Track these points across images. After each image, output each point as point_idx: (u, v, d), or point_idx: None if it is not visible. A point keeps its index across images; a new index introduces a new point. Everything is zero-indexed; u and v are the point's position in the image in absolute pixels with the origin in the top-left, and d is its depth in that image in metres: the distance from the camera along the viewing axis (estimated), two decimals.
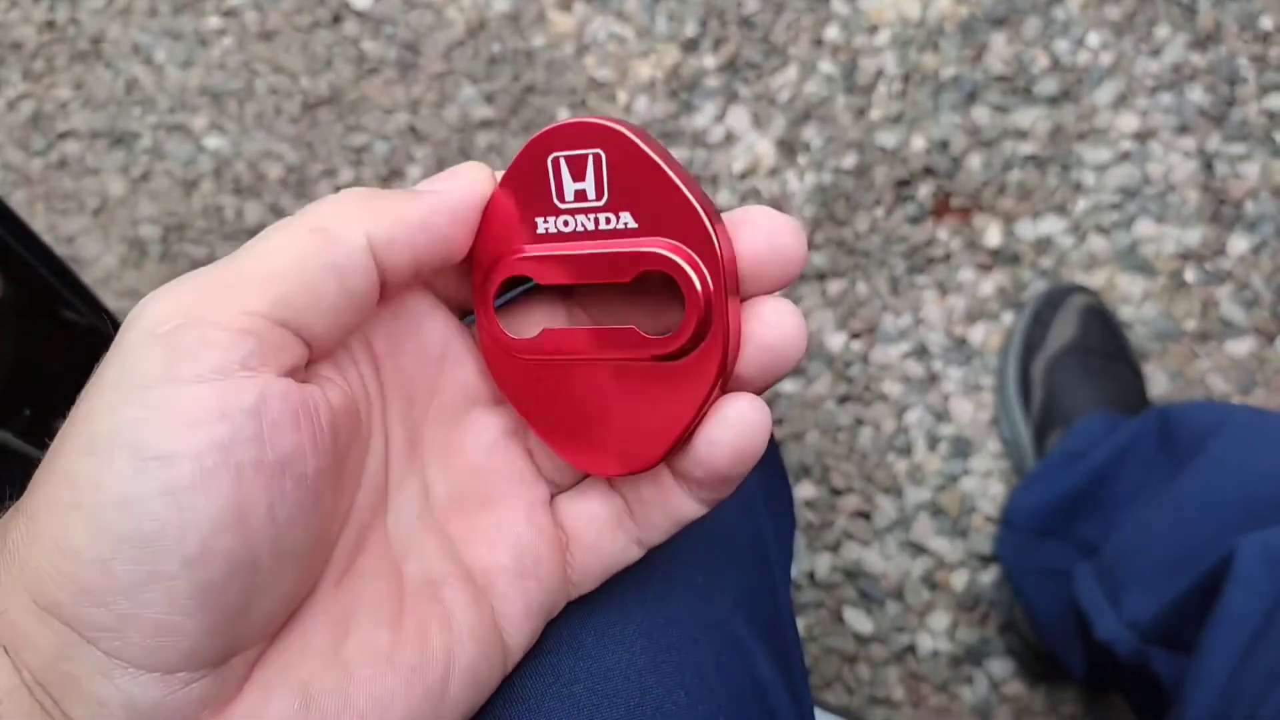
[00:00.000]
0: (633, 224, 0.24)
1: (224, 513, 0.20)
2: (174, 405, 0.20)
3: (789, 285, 0.24)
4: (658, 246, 0.24)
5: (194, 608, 0.20)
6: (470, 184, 0.25)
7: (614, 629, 0.30)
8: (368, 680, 0.23)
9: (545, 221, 0.24)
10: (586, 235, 0.24)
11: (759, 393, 0.25)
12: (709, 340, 0.24)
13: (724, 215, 0.24)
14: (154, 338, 0.20)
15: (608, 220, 0.24)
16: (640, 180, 0.24)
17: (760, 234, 0.24)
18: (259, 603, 0.21)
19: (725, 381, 0.24)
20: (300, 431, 0.21)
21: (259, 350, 0.21)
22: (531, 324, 0.27)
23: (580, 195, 0.24)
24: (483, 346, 0.27)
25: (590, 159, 0.24)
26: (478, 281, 0.26)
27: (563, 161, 0.24)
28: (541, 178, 0.24)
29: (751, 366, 0.24)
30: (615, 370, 0.25)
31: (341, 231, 0.22)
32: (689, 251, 0.23)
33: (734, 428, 0.24)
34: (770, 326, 0.24)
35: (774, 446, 0.46)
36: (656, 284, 0.25)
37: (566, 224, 0.24)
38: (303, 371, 0.22)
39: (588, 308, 0.27)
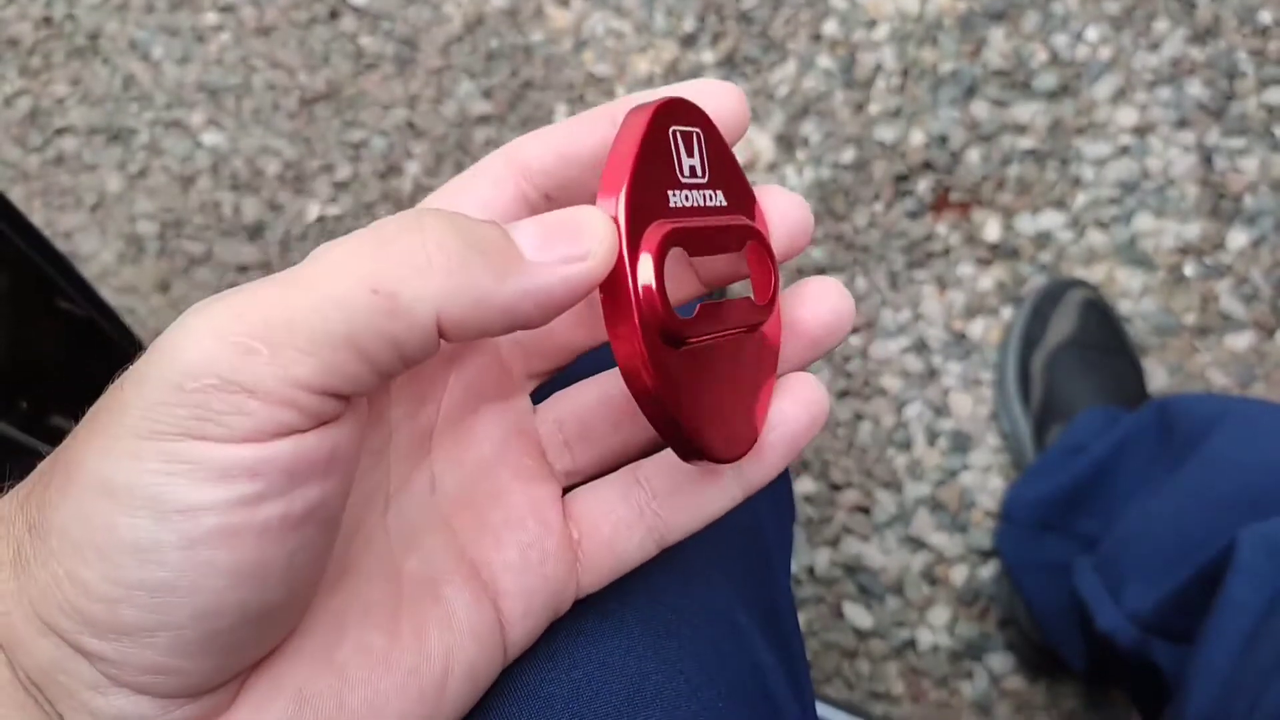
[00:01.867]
0: (724, 202, 0.25)
1: (241, 567, 0.19)
2: (202, 462, 0.18)
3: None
4: (745, 221, 0.25)
5: (198, 653, 0.19)
6: (587, 271, 0.21)
7: (613, 615, 0.29)
8: (362, 683, 0.22)
9: (675, 195, 0.23)
10: (700, 211, 0.24)
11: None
12: (775, 304, 0.26)
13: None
14: (183, 393, 0.18)
15: (709, 197, 0.24)
16: (723, 161, 0.25)
17: (777, 210, 0.26)
18: (265, 636, 0.21)
19: None
20: (330, 479, 0.20)
21: (299, 419, 0.19)
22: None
23: (693, 171, 0.24)
24: (623, 333, 0.22)
25: (695, 136, 0.24)
26: (634, 259, 0.22)
27: (679, 136, 0.24)
28: (666, 150, 0.23)
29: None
30: (737, 343, 0.25)
31: (410, 304, 0.19)
32: (756, 226, 0.25)
33: (804, 400, 0.26)
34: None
35: None
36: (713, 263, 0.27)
37: (688, 198, 0.24)
38: (340, 413, 0.20)
39: None
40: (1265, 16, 0.94)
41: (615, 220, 0.22)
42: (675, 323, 0.23)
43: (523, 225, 0.21)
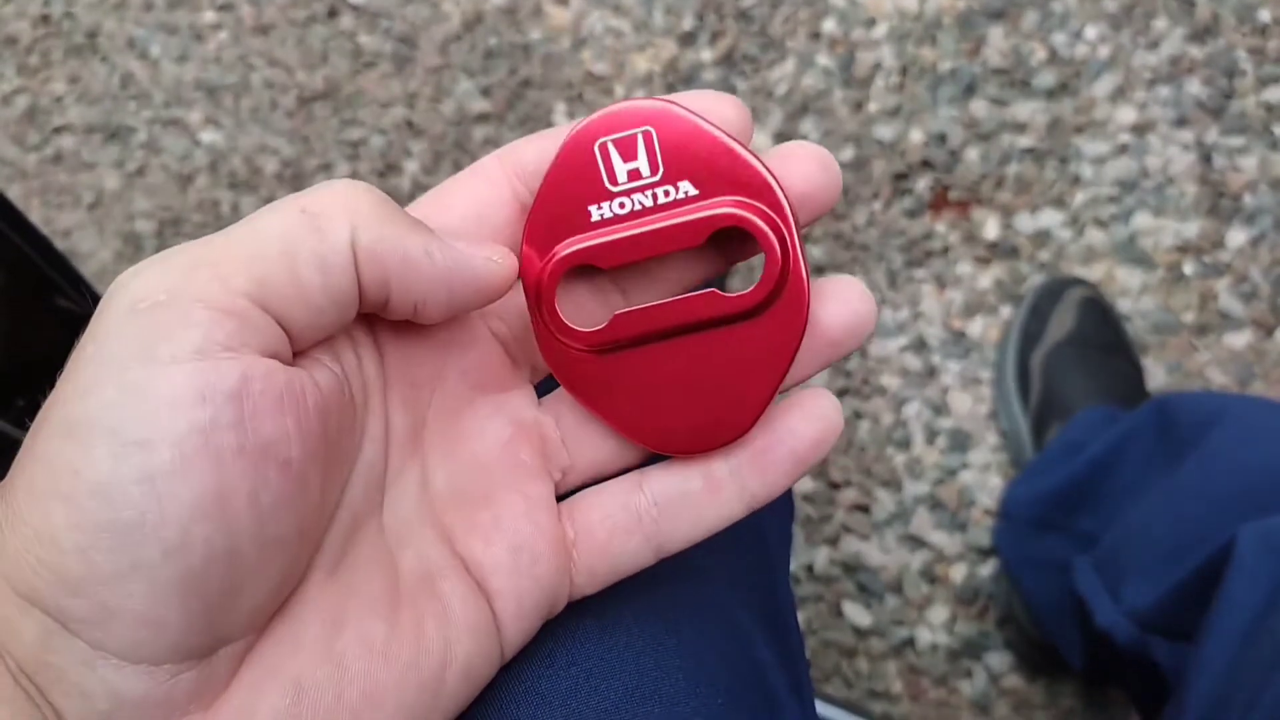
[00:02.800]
0: (694, 190, 0.24)
1: (203, 500, 0.19)
2: (152, 387, 0.19)
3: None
4: (725, 206, 0.24)
5: (176, 598, 0.19)
6: (498, 268, 0.24)
7: (611, 613, 0.29)
8: (361, 675, 0.22)
9: (600, 208, 0.25)
10: (647, 211, 0.24)
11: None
12: (788, 291, 0.25)
13: (765, 159, 0.25)
14: (134, 314, 0.19)
15: (667, 193, 0.24)
16: (693, 148, 0.24)
17: (810, 163, 0.25)
18: (244, 592, 0.21)
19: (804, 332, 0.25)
20: (284, 415, 0.20)
21: (241, 331, 0.20)
22: (579, 317, 0.26)
23: (634, 174, 0.24)
24: (545, 348, 0.26)
25: (639, 138, 0.24)
26: (531, 284, 0.25)
27: (610, 146, 0.24)
28: (590, 166, 0.24)
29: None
30: (696, 342, 0.25)
31: (332, 223, 0.21)
32: (756, 204, 0.24)
33: (814, 415, 0.25)
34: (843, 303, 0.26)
35: None
36: (687, 258, 0.26)
37: (623, 205, 0.24)
38: (289, 355, 0.22)
39: (626, 292, 0.27)
40: (1264, 15, 0.94)
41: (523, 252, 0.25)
42: (580, 336, 0.25)
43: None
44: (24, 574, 0.19)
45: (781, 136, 0.96)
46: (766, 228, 0.24)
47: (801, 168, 0.25)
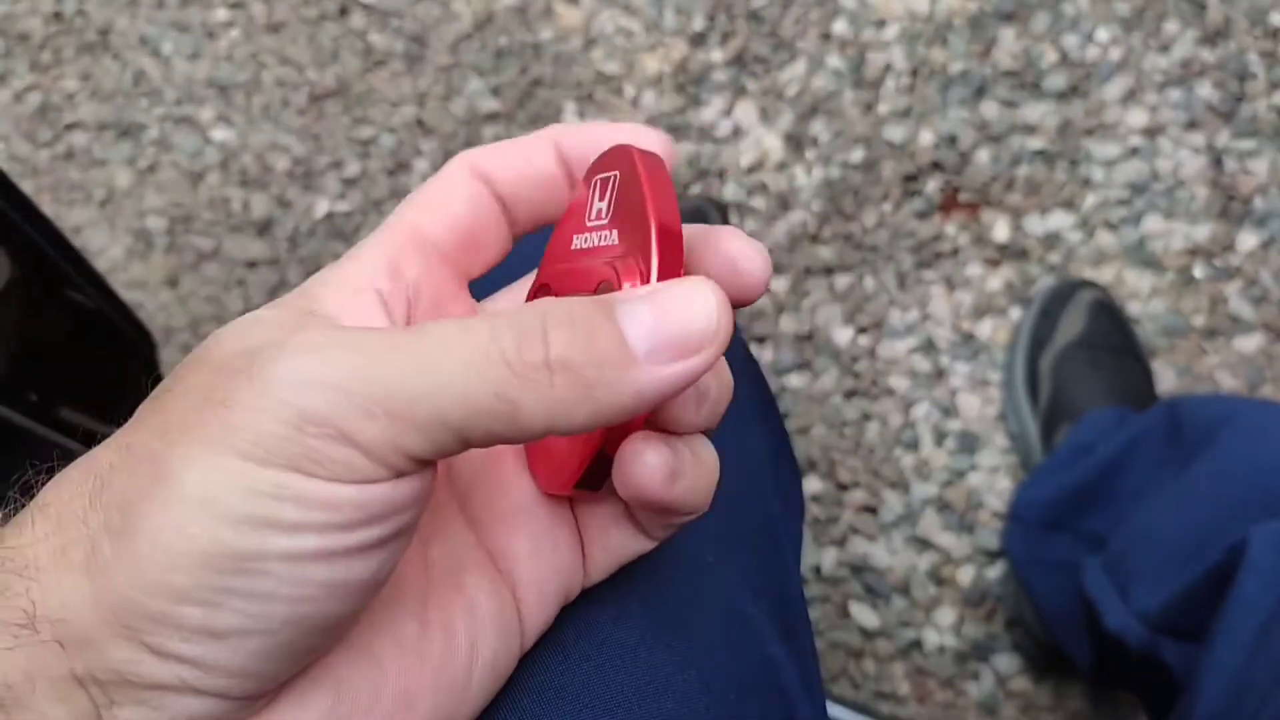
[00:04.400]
0: (615, 241, 0.24)
1: (336, 582, 0.20)
2: (309, 495, 0.19)
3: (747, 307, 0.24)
4: (609, 259, 0.23)
5: (283, 656, 0.20)
6: (696, 367, 0.21)
7: (624, 608, 0.29)
8: (398, 674, 0.23)
9: (578, 238, 0.25)
10: (588, 252, 0.25)
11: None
12: None
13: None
14: (301, 434, 0.19)
15: (603, 238, 0.24)
16: (630, 199, 0.24)
17: (722, 256, 0.24)
18: (332, 641, 0.22)
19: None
20: (415, 508, 0.21)
21: (394, 474, 0.20)
22: None
23: (598, 214, 0.25)
24: None
25: (612, 180, 0.24)
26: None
27: (597, 183, 0.25)
28: (582, 200, 0.25)
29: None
30: None
31: (527, 417, 0.20)
32: (641, 268, 0.23)
33: (645, 466, 0.23)
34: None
35: (784, 433, 0.46)
36: None
37: (585, 240, 0.25)
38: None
39: None
40: (1276, 18, 0.94)
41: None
42: None
43: (638, 314, 0.21)
44: (133, 612, 0.19)
45: (792, 137, 0.96)
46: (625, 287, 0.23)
47: (715, 257, 0.24)
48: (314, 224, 1.00)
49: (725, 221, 0.90)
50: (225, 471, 0.19)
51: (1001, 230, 0.91)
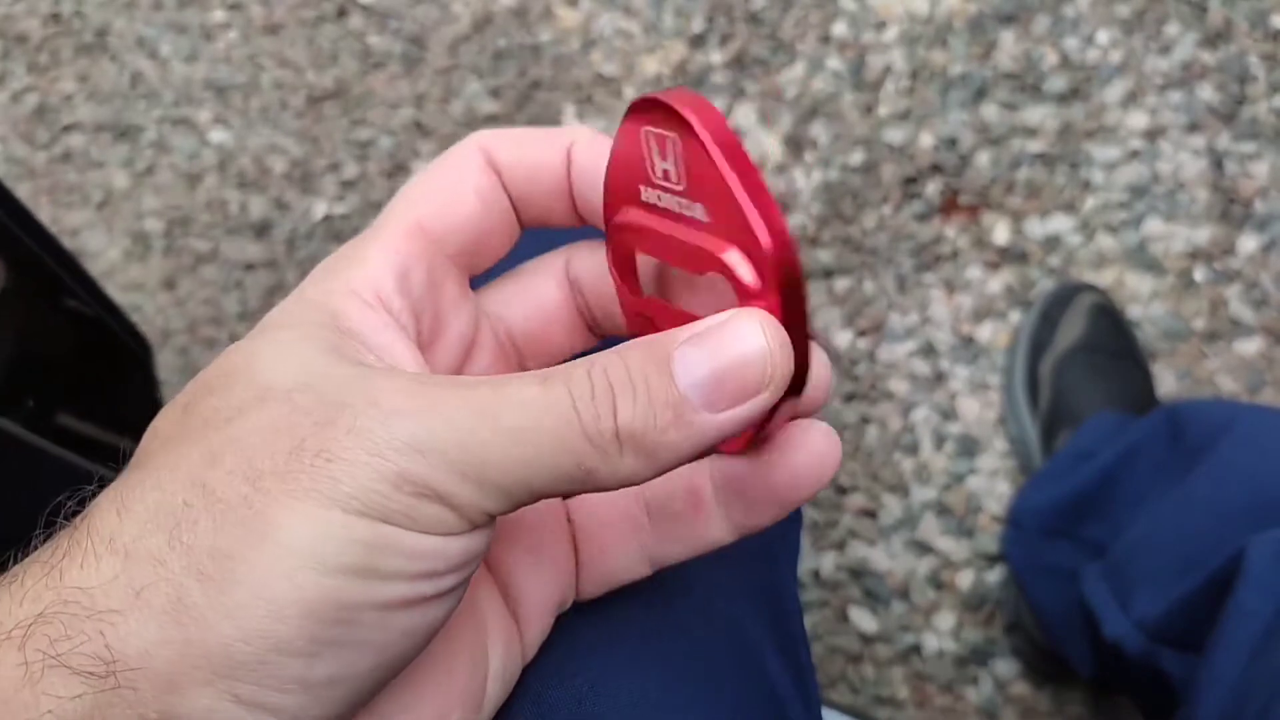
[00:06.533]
0: (705, 219, 0.22)
1: (419, 628, 0.21)
2: (402, 544, 0.20)
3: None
4: (723, 253, 0.22)
5: (362, 701, 0.21)
6: (749, 411, 0.22)
7: (616, 622, 0.29)
8: (432, 694, 0.23)
9: (647, 191, 0.23)
10: (672, 216, 0.23)
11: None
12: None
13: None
14: (398, 491, 0.20)
15: (687, 207, 0.23)
16: (707, 179, 0.22)
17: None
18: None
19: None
20: (485, 552, 0.22)
21: (473, 526, 0.21)
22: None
23: (666, 175, 0.23)
24: (620, 293, 0.26)
25: (670, 141, 0.22)
26: (609, 219, 0.25)
27: (652, 137, 0.23)
28: (638, 148, 0.23)
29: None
30: None
31: (601, 481, 0.21)
32: (748, 258, 0.22)
33: (816, 453, 0.24)
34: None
35: None
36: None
37: (659, 199, 0.23)
38: None
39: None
40: (1277, 20, 0.94)
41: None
42: (622, 293, 0.25)
43: (693, 361, 0.21)
44: (228, 659, 0.19)
45: (791, 139, 0.96)
46: (753, 281, 0.22)
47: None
48: (312, 226, 1.00)
49: None
50: (327, 524, 0.19)
51: (1001, 233, 0.91)
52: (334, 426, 0.20)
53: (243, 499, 0.20)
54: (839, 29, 0.99)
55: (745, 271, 0.22)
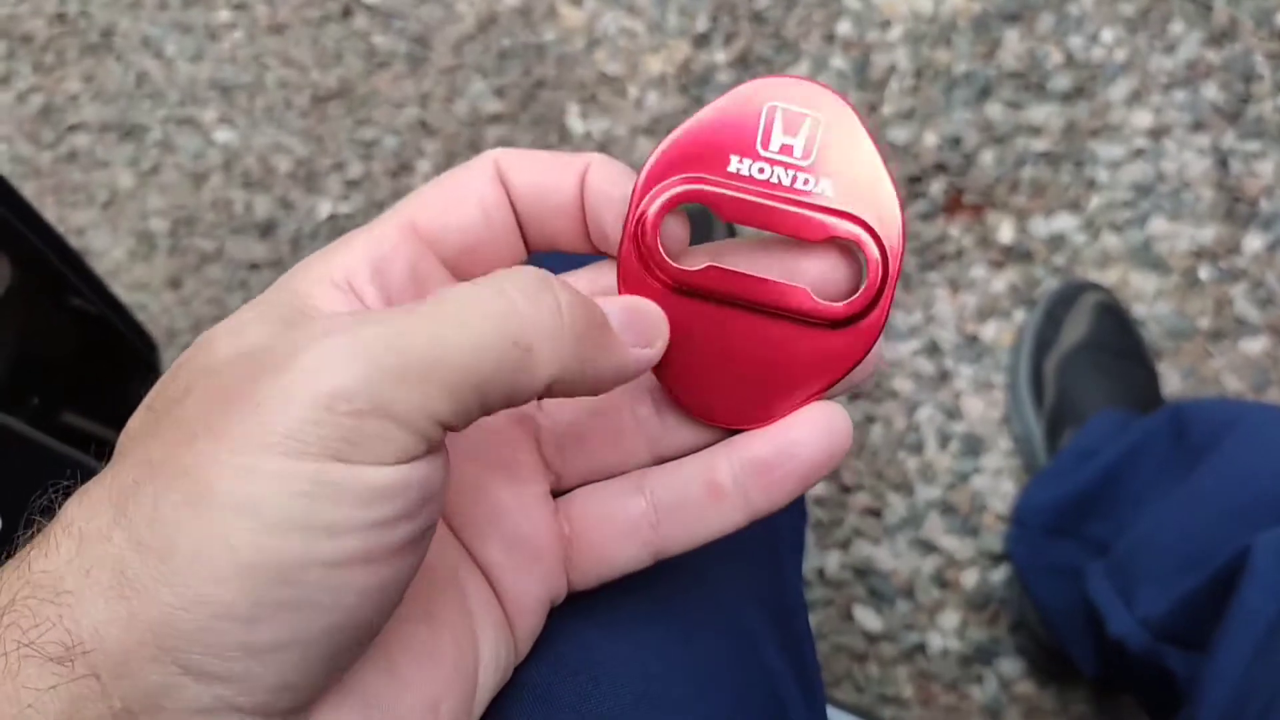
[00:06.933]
0: (830, 194, 0.25)
1: (373, 585, 0.20)
2: (347, 485, 0.19)
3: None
4: (854, 224, 0.25)
5: (318, 669, 0.20)
6: (650, 356, 0.25)
7: (620, 617, 0.29)
8: (419, 682, 0.23)
9: (740, 162, 0.25)
10: (778, 188, 0.25)
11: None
12: (870, 318, 0.25)
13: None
14: (333, 414, 0.19)
15: (806, 182, 0.25)
16: (850, 158, 0.25)
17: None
18: (363, 651, 0.22)
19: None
20: (440, 499, 0.21)
21: (424, 447, 0.20)
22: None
23: (786, 149, 0.25)
24: (625, 273, 0.26)
25: (808, 120, 0.25)
26: (642, 198, 0.25)
27: (779, 113, 0.25)
28: (750, 121, 0.25)
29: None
30: (768, 325, 0.26)
31: (540, 361, 0.21)
32: (877, 237, 0.25)
33: (824, 429, 0.25)
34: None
35: None
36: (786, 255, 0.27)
37: (762, 171, 0.25)
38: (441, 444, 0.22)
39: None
40: None
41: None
42: (671, 270, 0.25)
43: (609, 308, 0.23)
44: (172, 632, 0.19)
45: None
46: (879, 259, 0.25)
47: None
48: (317, 225, 1.00)
49: (729, 229, 0.90)
50: (261, 474, 0.19)
51: (1006, 232, 0.91)
52: (263, 374, 0.20)
53: (178, 464, 0.19)
54: (843, 28, 0.99)
55: (872, 243, 0.25)
